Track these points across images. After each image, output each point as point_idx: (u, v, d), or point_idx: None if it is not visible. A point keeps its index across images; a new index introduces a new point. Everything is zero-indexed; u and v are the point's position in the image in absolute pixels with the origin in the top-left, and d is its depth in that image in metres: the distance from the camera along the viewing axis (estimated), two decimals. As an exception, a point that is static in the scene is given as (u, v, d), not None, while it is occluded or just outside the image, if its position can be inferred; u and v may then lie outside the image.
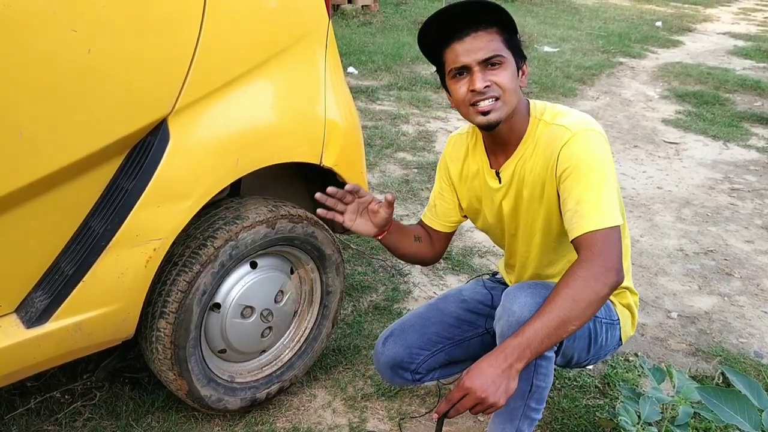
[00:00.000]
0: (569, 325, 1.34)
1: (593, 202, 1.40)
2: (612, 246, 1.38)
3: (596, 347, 1.62)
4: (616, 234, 1.40)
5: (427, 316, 1.80)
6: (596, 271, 1.35)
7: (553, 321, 1.33)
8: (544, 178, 1.51)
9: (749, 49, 8.48)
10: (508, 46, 1.45)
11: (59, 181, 1.33)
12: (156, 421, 1.85)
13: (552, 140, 1.49)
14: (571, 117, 1.51)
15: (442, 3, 9.26)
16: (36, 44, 1.22)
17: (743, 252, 3.19)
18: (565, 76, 6.32)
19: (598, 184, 1.41)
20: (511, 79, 1.45)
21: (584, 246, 1.39)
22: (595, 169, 1.42)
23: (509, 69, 1.45)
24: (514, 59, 1.47)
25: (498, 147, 1.59)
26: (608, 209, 1.40)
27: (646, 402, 1.65)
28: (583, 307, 1.34)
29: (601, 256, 1.36)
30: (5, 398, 1.87)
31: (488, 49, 1.43)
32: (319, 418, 1.92)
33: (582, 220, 1.40)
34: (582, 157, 1.43)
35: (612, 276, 1.36)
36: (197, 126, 1.49)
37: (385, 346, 1.76)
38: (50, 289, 1.41)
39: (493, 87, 1.44)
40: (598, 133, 1.47)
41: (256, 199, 1.74)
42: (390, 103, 5.09)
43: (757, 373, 2.25)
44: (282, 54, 1.65)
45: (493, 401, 1.30)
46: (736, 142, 4.86)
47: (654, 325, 2.54)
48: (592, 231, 1.38)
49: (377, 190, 3.53)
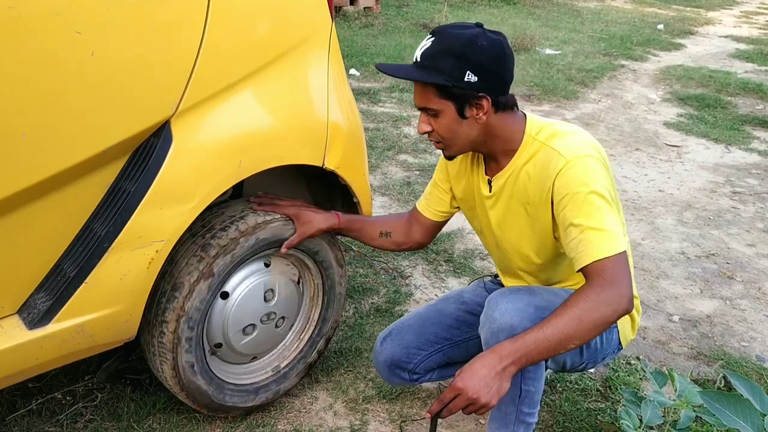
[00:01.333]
0: (570, 342, 1.35)
1: (598, 230, 1.40)
2: (623, 272, 1.38)
3: (590, 351, 1.62)
4: (624, 260, 1.40)
5: (426, 317, 1.83)
6: (608, 296, 1.35)
7: (555, 336, 1.34)
8: (538, 203, 1.52)
9: (751, 53, 8.47)
10: (445, 96, 1.47)
11: (62, 183, 1.33)
12: (157, 422, 1.85)
13: (546, 165, 1.49)
14: (567, 141, 1.50)
15: (444, 6, 9.26)
16: (40, 46, 1.22)
17: (745, 255, 3.19)
18: (566, 79, 6.32)
19: (600, 211, 1.41)
20: (447, 127, 1.51)
21: (594, 273, 1.39)
22: (593, 196, 1.42)
23: (445, 118, 1.49)
24: (454, 104, 1.47)
25: (490, 159, 1.62)
26: (614, 236, 1.40)
27: (648, 406, 1.65)
28: (588, 329, 1.35)
29: (613, 283, 1.36)
30: (7, 399, 1.87)
31: (422, 100, 1.50)
32: (320, 421, 1.92)
33: (589, 248, 1.39)
34: (579, 186, 1.43)
35: (624, 303, 1.36)
36: (200, 128, 1.49)
37: (384, 345, 1.79)
38: (52, 291, 1.41)
39: (434, 133, 1.53)
40: (592, 158, 1.46)
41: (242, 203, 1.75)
42: (392, 105, 5.10)
43: (759, 376, 2.24)
44: (285, 56, 1.65)
45: (485, 402, 1.31)
46: (738, 146, 4.86)
47: (656, 328, 2.54)
48: (601, 259, 1.38)
49: (379, 192, 3.54)
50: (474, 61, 1.43)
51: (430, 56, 1.45)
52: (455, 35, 1.44)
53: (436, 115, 1.50)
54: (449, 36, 1.45)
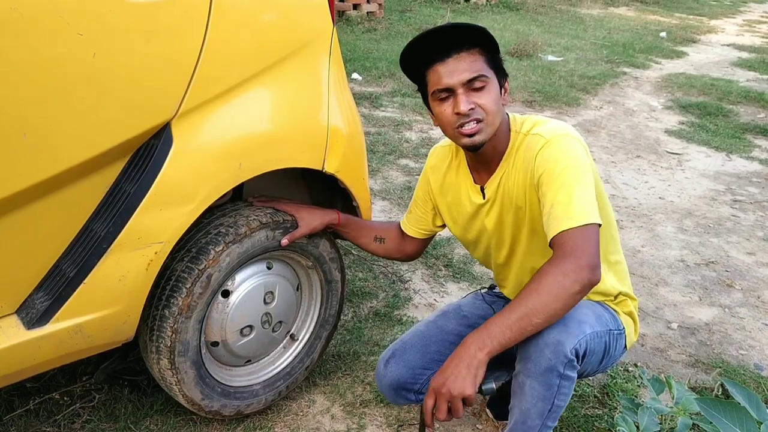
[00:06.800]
0: (533, 317, 1.33)
1: (565, 202, 1.39)
2: (586, 243, 1.36)
3: (607, 358, 1.62)
4: (591, 231, 1.38)
5: (427, 335, 1.78)
6: (566, 267, 1.34)
7: (515, 313, 1.33)
8: (525, 187, 1.52)
9: (753, 61, 8.48)
10: (491, 66, 1.46)
11: (62, 184, 1.34)
12: (154, 424, 1.85)
13: (528, 150, 1.50)
14: (548, 125, 1.52)
15: (447, 11, 9.28)
16: (42, 47, 1.23)
17: (744, 264, 3.19)
18: (568, 86, 6.33)
19: (571, 184, 1.40)
20: (495, 100, 1.46)
21: (556, 246, 1.38)
22: (567, 170, 1.42)
23: (493, 90, 1.46)
24: (497, 79, 1.47)
25: (481, 165, 1.61)
26: (581, 208, 1.38)
27: (645, 413, 1.65)
28: (547, 301, 1.33)
29: (572, 253, 1.35)
30: (4, 399, 1.87)
31: (472, 71, 1.43)
32: (317, 424, 1.92)
33: (555, 221, 1.40)
34: (556, 160, 1.43)
35: (585, 273, 1.34)
36: (200, 130, 1.50)
37: (387, 368, 1.73)
38: (51, 291, 1.41)
39: (477, 110, 1.45)
40: (572, 138, 1.47)
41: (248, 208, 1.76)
42: (393, 110, 5.10)
43: (757, 385, 2.24)
44: (286, 60, 1.66)
45: (458, 392, 1.31)
46: (739, 154, 4.86)
47: (654, 335, 2.54)
48: (565, 230, 1.37)
49: (379, 196, 3.54)
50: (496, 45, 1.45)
51: (465, 27, 1.42)
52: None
53: (483, 87, 1.44)
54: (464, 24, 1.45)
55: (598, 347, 1.53)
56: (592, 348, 1.49)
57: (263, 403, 1.89)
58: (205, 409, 1.75)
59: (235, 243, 1.62)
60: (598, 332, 1.52)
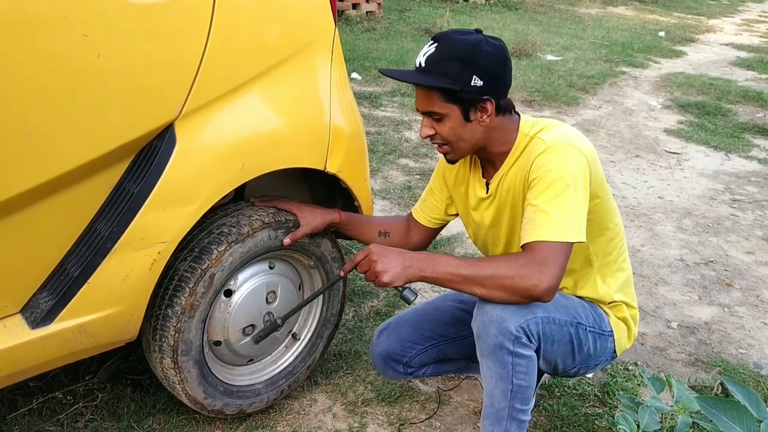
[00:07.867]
0: (474, 287, 1.43)
1: (549, 214, 1.42)
2: (555, 260, 1.40)
3: (582, 355, 1.63)
4: (564, 251, 1.41)
5: (423, 312, 1.86)
6: (529, 271, 1.39)
7: (464, 270, 1.43)
8: (522, 188, 1.55)
9: (752, 61, 8.50)
10: (450, 100, 1.48)
11: (67, 184, 1.35)
12: (157, 423, 1.86)
13: (529, 152, 1.53)
14: (554, 131, 1.54)
15: (446, 11, 9.29)
16: (46, 48, 1.23)
17: (743, 263, 3.20)
18: (567, 85, 6.34)
19: (559, 198, 1.43)
20: (451, 131, 1.52)
21: (529, 249, 1.42)
22: (560, 181, 1.44)
23: (449, 122, 1.51)
24: (460, 108, 1.49)
25: (486, 162, 1.65)
26: (564, 224, 1.42)
27: (645, 411, 1.65)
28: (494, 287, 1.42)
29: (540, 263, 1.39)
30: (8, 398, 1.88)
31: (426, 104, 1.51)
32: (319, 423, 1.93)
33: (534, 229, 1.43)
34: (550, 169, 1.46)
35: (540, 286, 1.38)
36: (204, 131, 1.50)
37: (380, 338, 1.83)
38: (55, 290, 1.42)
39: (437, 136, 1.55)
40: (574, 148, 1.48)
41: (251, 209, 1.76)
42: (393, 110, 5.11)
43: (756, 383, 2.25)
44: (289, 60, 1.67)
45: (381, 268, 1.44)
46: (738, 153, 4.87)
47: (654, 334, 2.55)
48: (540, 241, 1.41)
49: (380, 195, 3.55)
50: (480, 66, 1.45)
51: (436, 61, 1.47)
52: (459, 40, 1.46)
53: (441, 119, 1.51)
54: (453, 41, 1.47)
55: (559, 336, 1.55)
56: (549, 333, 1.52)
57: (265, 402, 1.90)
58: (207, 408, 1.76)
59: (238, 243, 1.63)
60: (557, 319, 1.54)
